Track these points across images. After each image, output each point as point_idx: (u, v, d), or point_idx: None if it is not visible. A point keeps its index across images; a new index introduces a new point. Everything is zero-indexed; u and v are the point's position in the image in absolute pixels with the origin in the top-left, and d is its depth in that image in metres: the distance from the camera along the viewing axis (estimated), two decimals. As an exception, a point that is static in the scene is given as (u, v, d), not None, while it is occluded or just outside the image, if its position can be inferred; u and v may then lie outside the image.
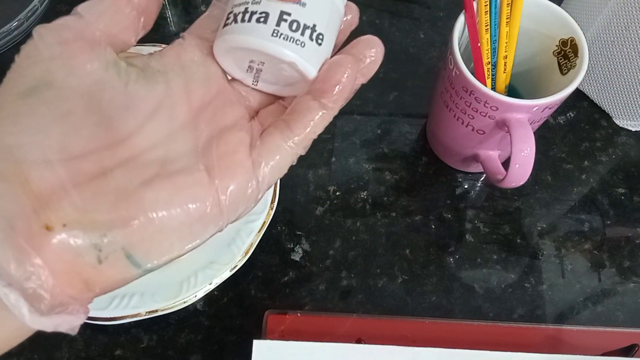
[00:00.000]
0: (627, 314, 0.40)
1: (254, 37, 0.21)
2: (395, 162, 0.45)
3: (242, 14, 0.21)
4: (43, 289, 0.17)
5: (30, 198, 0.18)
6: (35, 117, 0.19)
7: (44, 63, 0.19)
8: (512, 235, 0.43)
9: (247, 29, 0.21)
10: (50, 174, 0.18)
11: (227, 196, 0.21)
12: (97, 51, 0.20)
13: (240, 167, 0.21)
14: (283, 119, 0.22)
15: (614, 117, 0.47)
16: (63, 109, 0.19)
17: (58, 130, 0.19)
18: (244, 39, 0.21)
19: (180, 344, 0.38)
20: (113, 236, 0.19)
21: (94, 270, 0.19)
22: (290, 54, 0.21)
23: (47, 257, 0.18)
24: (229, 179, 0.21)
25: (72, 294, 0.18)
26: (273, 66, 0.23)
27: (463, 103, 0.36)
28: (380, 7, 0.52)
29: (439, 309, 0.40)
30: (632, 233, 0.43)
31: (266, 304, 0.39)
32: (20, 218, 0.17)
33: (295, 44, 0.21)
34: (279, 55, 0.21)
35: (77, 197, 0.18)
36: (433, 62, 0.49)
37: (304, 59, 0.22)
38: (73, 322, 0.19)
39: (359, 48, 0.23)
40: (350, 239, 0.42)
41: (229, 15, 0.22)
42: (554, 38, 0.37)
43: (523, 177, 0.35)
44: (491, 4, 0.35)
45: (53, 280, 0.18)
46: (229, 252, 0.38)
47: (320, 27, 0.22)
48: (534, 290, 0.41)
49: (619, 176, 0.45)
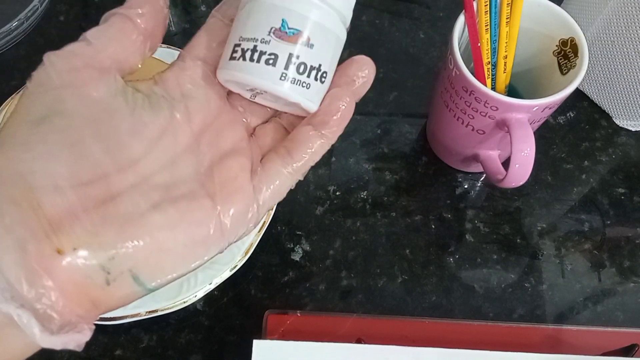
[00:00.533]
0: (627, 314, 0.40)
1: (262, 80, 0.22)
2: (395, 162, 0.45)
3: (251, 52, 0.22)
4: (53, 310, 0.18)
5: (42, 222, 0.18)
6: (46, 144, 0.19)
7: (55, 91, 0.20)
8: (512, 235, 0.43)
9: (256, 70, 0.22)
10: (61, 200, 0.19)
11: (229, 220, 0.22)
12: (105, 79, 0.21)
13: (242, 193, 0.22)
14: (284, 146, 0.24)
15: (614, 117, 0.47)
16: (73, 137, 0.20)
17: (68, 157, 0.19)
18: (252, 79, 0.22)
19: (180, 344, 0.38)
20: (120, 259, 0.19)
21: (102, 291, 0.20)
22: (296, 97, 0.22)
23: (58, 279, 0.18)
24: (231, 203, 0.22)
25: (80, 314, 0.19)
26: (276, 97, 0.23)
27: (463, 103, 0.36)
28: (380, 7, 0.52)
29: (439, 309, 0.40)
30: (632, 233, 0.43)
31: (266, 304, 0.39)
32: (32, 241, 0.18)
33: (301, 86, 0.22)
34: (285, 97, 0.22)
35: (87, 222, 0.19)
36: (433, 62, 0.49)
37: (308, 99, 0.23)
38: (80, 340, 0.19)
39: (352, 69, 0.24)
40: (350, 239, 0.42)
41: (235, 47, 0.22)
42: (554, 38, 0.37)
43: (523, 177, 0.35)
44: (491, 4, 0.35)
45: (63, 301, 0.18)
46: (229, 252, 0.38)
47: (325, 66, 0.23)
48: (534, 290, 0.41)
49: (619, 176, 0.45)
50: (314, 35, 0.22)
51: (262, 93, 0.24)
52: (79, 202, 0.19)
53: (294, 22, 0.22)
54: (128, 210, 0.20)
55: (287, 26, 0.22)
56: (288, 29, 0.22)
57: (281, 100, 0.23)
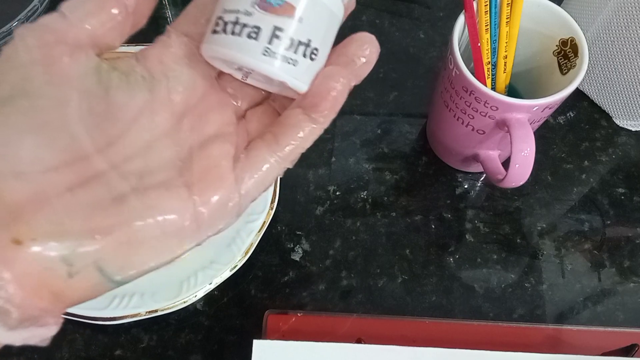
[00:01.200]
0: (627, 314, 0.40)
1: (243, 54, 0.20)
2: (395, 162, 0.45)
3: (233, 24, 0.20)
4: (11, 303, 0.17)
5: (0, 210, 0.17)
6: (8, 127, 0.18)
7: (23, 69, 0.19)
8: (512, 235, 0.43)
9: (237, 44, 0.20)
10: (22, 187, 0.18)
11: (206, 212, 0.20)
12: (78, 56, 0.20)
13: (222, 182, 0.20)
14: (271, 131, 0.22)
15: (614, 117, 0.47)
16: (38, 120, 0.18)
17: (32, 141, 0.18)
18: (232, 54, 0.20)
19: (180, 344, 0.38)
20: (84, 250, 0.18)
21: (65, 284, 0.18)
22: (280, 74, 0.20)
23: (16, 271, 0.17)
24: (210, 194, 0.20)
25: (43, 307, 0.18)
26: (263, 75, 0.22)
27: (463, 103, 0.36)
28: (380, 7, 0.52)
29: (439, 309, 0.40)
30: (632, 233, 0.43)
31: (266, 304, 0.39)
32: None
33: (287, 63, 0.20)
34: (269, 74, 0.21)
35: (50, 210, 0.18)
36: (433, 62, 0.49)
37: (294, 77, 0.21)
38: (44, 335, 0.18)
39: (352, 48, 0.22)
40: (350, 239, 0.42)
41: (217, 20, 0.21)
42: (554, 38, 0.37)
43: (523, 177, 0.35)
44: (491, 4, 0.35)
45: (21, 294, 0.17)
46: (229, 252, 0.38)
47: (316, 42, 0.21)
48: (534, 290, 0.41)
49: (619, 176, 0.45)
50: (303, 8, 0.20)
51: (251, 72, 0.22)
52: (42, 190, 0.18)
53: None
54: (96, 199, 0.18)
55: None
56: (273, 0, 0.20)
57: (272, 81, 0.21)
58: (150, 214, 0.19)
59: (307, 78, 0.21)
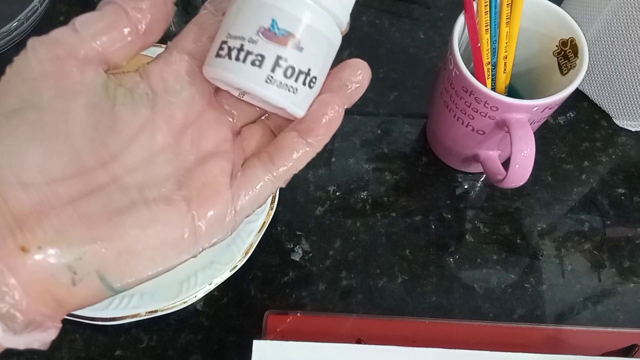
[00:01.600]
0: (627, 314, 0.40)
1: (247, 81, 0.21)
2: (395, 162, 0.45)
3: (238, 51, 0.21)
4: (17, 309, 0.18)
5: (7, 219, 0.18)
6: (16, 138, 0.19)
7: (33, 82, 0.19)
8: (512, 236, 0.43)
9: (241, 70, 0.21)
10: (28, 196, 0.18)
11: (204, 226, 0.21)
12: (87, 72, 0.20)
13: (219, 198, 0.21)
14: (267, 151, 0.23)
15: (614, 117, 0.47)
16: (46, 132, 0.19)
17: (39, 152, 0.19)
18: (236, 79, 0.21)
19: (180, 344, 0.38)
20: (88, 259, 0.19)
21: (68, 291, 0.19)
22: (281, 101, 0.21)
23: (22, 278, 0.18)
24: (207, 209, 0.21)
25: (44, 313, 0.19)
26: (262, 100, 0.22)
27: (463, 103, 0.36)
28: (380, 7, 0.52)
29: (439, 309, 0.40)
30: (632, 233, 0.43)
31: (266, 304, 0.39)
32: None
33: (287, 90, 0.21)
34: (270, 101, 0.22)
35: (54, 220, 0.18)
36: (433, 62, 0.49)
37: (294, 104, 0.22)
38: (45, 339, 0.19)
39: (346, 73, 0.23)
40: (350, 239, 0.42)
41: (222, 45, 0.21)
42: (554, 38, 0.37)
43: (523, 177, 0.35)
44: (491, 4, 0.35)
45: (27, 299, 0.18)
46: (229, 252, 0.38)
47: (315, 71, 0.22)
48: (534, 291, 0.41)
49: (619, 176, 0.45)
50: (304, 38, 0.21)
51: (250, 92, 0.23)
52: (47, 199, 0.19)
53: (285, 22, 0.21)
54: (99, 210, 0.19)
55: (276, 26, 0.21)
56: (277, 30, 0.21)
57: (268, 103, 0.23)
58: (150, 226, 0.20)
59: (305, 104, 0.22)
